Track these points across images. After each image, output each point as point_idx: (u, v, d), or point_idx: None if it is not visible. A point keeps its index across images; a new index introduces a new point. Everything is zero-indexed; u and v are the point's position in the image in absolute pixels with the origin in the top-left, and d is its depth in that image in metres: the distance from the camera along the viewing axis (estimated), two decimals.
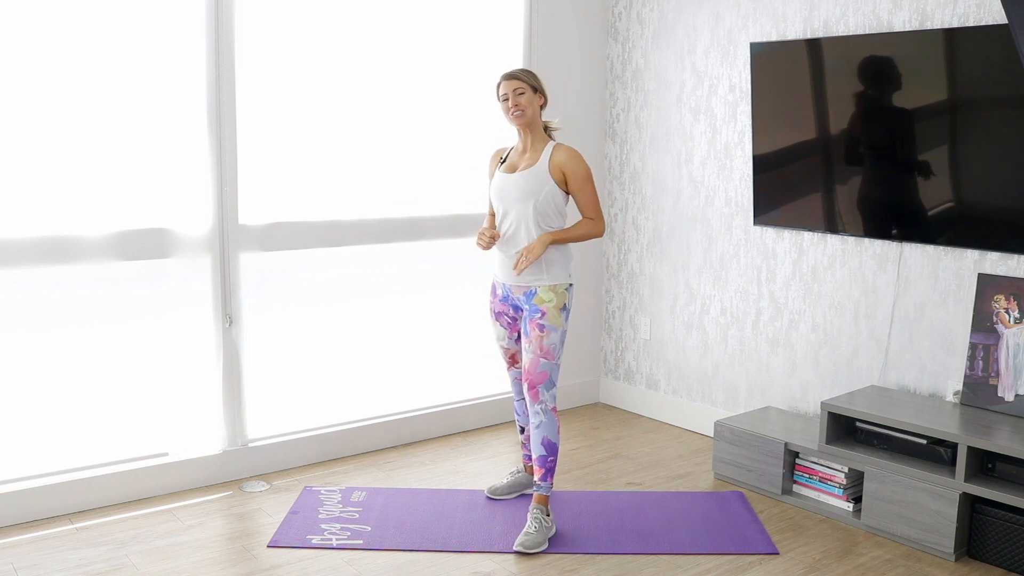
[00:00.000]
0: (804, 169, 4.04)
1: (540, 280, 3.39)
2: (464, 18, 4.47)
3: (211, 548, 3.32)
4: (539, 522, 3.39)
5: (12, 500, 3.47)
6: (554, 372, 3.39)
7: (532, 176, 3.35)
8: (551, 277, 3.39)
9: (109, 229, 3.59)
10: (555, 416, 3.42)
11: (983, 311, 3.55)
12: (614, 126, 5.03)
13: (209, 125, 3.77)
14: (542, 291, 3.38)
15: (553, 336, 3.37)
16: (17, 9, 3.29)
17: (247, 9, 3.80)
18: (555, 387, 3.42)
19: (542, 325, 3.36)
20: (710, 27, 4.49)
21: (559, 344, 3.39)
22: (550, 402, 3.40)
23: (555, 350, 3.38)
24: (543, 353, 3.36)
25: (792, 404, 4.29)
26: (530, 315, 3.38)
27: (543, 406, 3.39)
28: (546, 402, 3.40)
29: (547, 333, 3.36)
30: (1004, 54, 3.34)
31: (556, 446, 3.43)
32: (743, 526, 3.57)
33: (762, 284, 4.36)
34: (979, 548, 3.30)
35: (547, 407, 3.40)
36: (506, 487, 3.80)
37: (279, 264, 4.04)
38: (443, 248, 4.55)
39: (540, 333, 3.36)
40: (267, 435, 4.10)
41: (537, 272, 3.39)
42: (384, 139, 4.28)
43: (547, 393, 3.40)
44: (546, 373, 3.38)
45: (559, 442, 3.44)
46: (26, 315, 3.46)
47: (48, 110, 3.41)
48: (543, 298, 3.37)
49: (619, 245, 5.07)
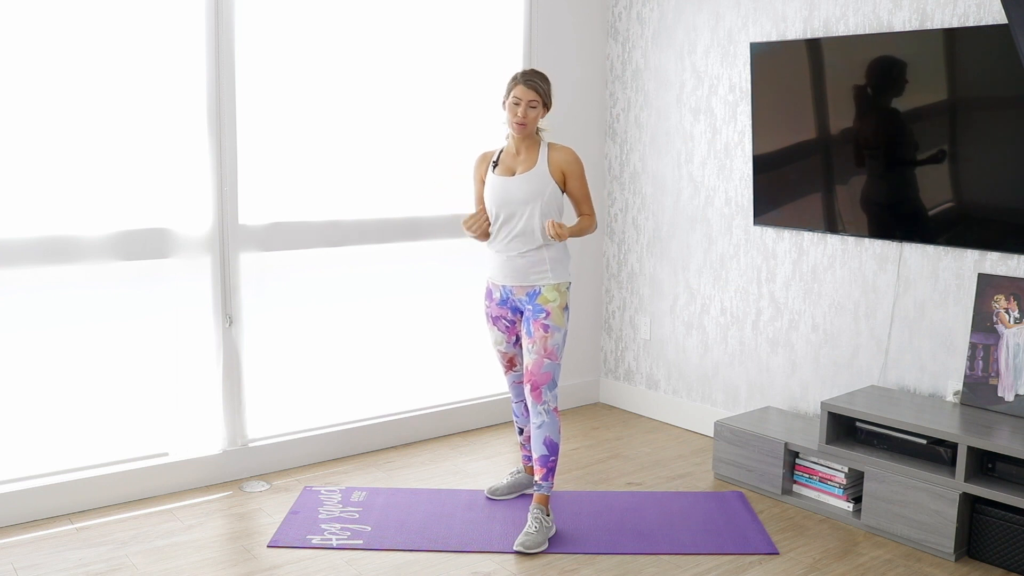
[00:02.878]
0: (804, 169, 4.04)
1: (545, 279, 3.40)
2: (464, 18, 4.47)
3: (211, 548, 3.32)
4: (539, 522, 3.39)
5: (12, 500, 3.47)
6: (557, 372, 3.40)
7: (535, 178, 3.35)
8: (555, 276, 3.40)
9: (109, 229, 3.59)
10: (557, 416, 3.42)
11: (983, 311, 3.55)
12: (614, 126, 5.03)
13: (209, 125, 3.77)
14: (546, 290, 3.38)
15: (557, 336, 3.38)
16: (17, 9, 3.29)
17: (247, 9, 3.80)
18: (557, 387, 3.42)
19: (546, 325, 3.36)
20: (710, 27, 4.49)
21: (562, 344, 3.40)
22: (552, 402, 3.41)
23: (558, 350, 3.39)
24: (547, 353, 3.36)
25: (792, 404, 4.29)
26: (534, 315, 3.38)
27: (546, 406, 3.39)
28: (549, 402, 3.40)
29: (551, 333, 3.37)
30: (1004, 54, 3.34)
31: (558, 446, 3.43)
32: (743, 526, 3.57)
33: (762, 284, 4.36)
34: (979, 548, 3.30)
35: (550, 407, 3.40)
36: (506, 487, 3.80)
37: (279, 264, 4.04)
38: (443, 248, 4.55)
39: (544, 333, 3.36)
40: (267, 435, 4.10)
41: (541, 271, 3.39)
42: (384, 139, 4.28)
43: (550, 393, 3.40)
44: (549, 374, 3.38)
45: (560, 442, 3.44)
46: (26, 315, 3.46)
47: (48, 110, 3.41)
48: (547, 297, 3.37)
49: (619, 245, 5.07)
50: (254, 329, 4.00)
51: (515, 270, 3.42)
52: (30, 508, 3.51)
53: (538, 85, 3.33)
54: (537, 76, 3.35)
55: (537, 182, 3.35)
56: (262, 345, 4.03)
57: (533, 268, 3.40)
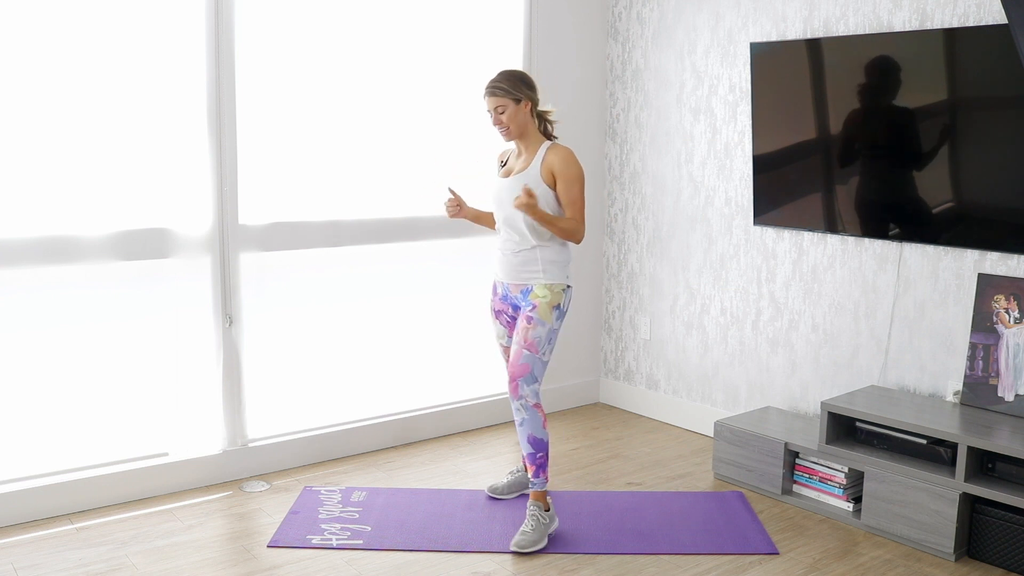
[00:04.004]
0: (804, 169, 4.04)
1: (536, 278, 3.39)
2: (464, 18, 4.47)
3: (211, 548, 3.32)
4: (536, 519, 3.38)
5: (12, 500, 3.47)
6: (537, 367, 3.35)
7: (525, 180, 3.34)
8: (548, 276, 3.38)
9: (109, 229, 3.59)
10: (538, 412, 3.37)
11: (983, 311, 3.55)
12: (614, 126, 5.03)
13: (209, 125, 3.77)
14: (538, 288, 3.37)
15: (540, 330, 3.34)
16: (17, 9, 3.29)
17: (247, 9, 3.80)
18: (537, 383, 3.36)
19: (530, 317, 3.34)
20: (710, 27, 4.49)
21: (545, 340, 3.35)
22: (531, 398, 3.35)
23: (539, 344, 3.34)
24: (527, 344, 3.34)
25: (792, 404, 4.29)
26: (523, 309, 3.39)
27: (523, 402, 3.35)
28: (526, 397, 3.35)
29: (534, 325, 3.34)
30: (1004, 54, 3.34)
31: (543, 441, 3.39)
32: (743, 526, 3.57)
33: (762, 284, 4.36)
34: (979, 548, 3.30)
35: (528, 403, 3.36)
36: (506, 486, 3.80)
37: (279, 264, 4.04)
38: (443, 248, 4.55)
39: (527, 324, 3.34)
40: (267, 435, 4.10)
41: (534, 271, 3.39)
42: (384, 139, 4.28)
43: (527, 388, 3.35)
44: (528, 366, 3.34)
45: (547, 437, 3.40)
46: (26, 315, 3.46)
47: (48, 110, 3.41)
48: (538, 294, 3.36)
49: (619, 245, 5.07)
50: (254, 329, 4.00)
51: (511, 267, 3.44)
52: (30, 508, 3.51)
53: (497, 87, 3.30)
54: (498, 79, 3.31)
55: (527, 184, 3.34)
56: (262, 345, 4.03)
57: (526, 267, 3.40)
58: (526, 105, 3.33)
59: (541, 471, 3.41)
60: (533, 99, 3.36)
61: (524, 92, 3.33)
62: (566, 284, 3.42)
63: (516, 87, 3.31)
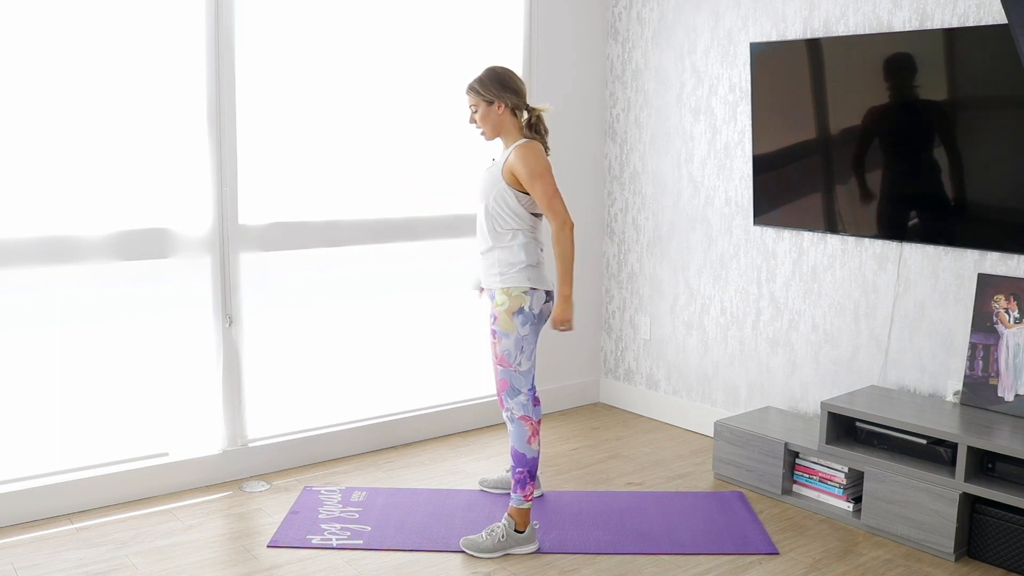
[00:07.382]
0: (804, 169, 4.04)
1: (495, 282, 3.29)
2: (464, 18, 4.47)
3: (211, 548, 3.32)
4: (498, 531, 3.29)
5: (12, 500, 3.47)
6: (515, 379, 3.26)
7: (488, 176, 3.29)
8: (504, 280, 3.25)
9: (109, 229, 3.59)
10: (524, 425, 3.28)
11: (983, 311, 3.55)
12: (614, 126, 5.03)
13: (209, 125, 3.77)
14: (498, 294, 3.27)
15: (505, 342, 3.23)
16: (17, 9, 3.29)
17: (247, 9, 3.80)
18: (521, 394, 3.28)
19: (494, 331, 3.26)
20: (710, 27, 4.49)
21: (515, 350, 3.23)
22: (517, 410, 3.29)
23: (509, 356, 3.24)
24: (498, 360, 3.27)
25: (792, 404, 4.29)
26: (490, 321, 3.31)
27: (509, 413, 3.31)
28: (512, 410, 3.30)
29: (499, 339, 3.24)
30: (1004, 54, 3.34)
31: (526, 457, 3.28)
32: (743, 526, 3.57)
33: (762, 284, 4.36)
34: (979, 548, 3.30)
35: (514, 415, 3.30)
36: (494, 481, 3.84)
37: (279, 264, 4.04)
38: (442, 248, 4.55)
39: (493, 339, 3.27)
40: (267, 435, 4.10)
41: (493, 274, 3.30)
42: (384, 139, 4.28)
43: (511, 401, 3.30)
44: (506, 380, 3.28)
45: (532, 452, 3.28)
46: (26, 315, 3.46)
47: (48, 110, 3.41)
48: (497, 301, 3.26)
49: (619, 245, 5.07)
50: (254, 329, 4.00)
51: (482, 270, 3.38)
52: (30, 508, 3.51)
53: (472, 87, 3.26)
54: (477, 77, 3.27)
55: (488, 181, 3.27)
56: (262, 345, 4.03)
57: (489, 270, 3.31)
58: (499, 107, 3.23)
59: (519, 487, 3.29)
60: (510, 101, 3.22)
61: (496, 93, 3.21)
62: (528, 287, 3.22)
63: (488, 88, 3.22)
